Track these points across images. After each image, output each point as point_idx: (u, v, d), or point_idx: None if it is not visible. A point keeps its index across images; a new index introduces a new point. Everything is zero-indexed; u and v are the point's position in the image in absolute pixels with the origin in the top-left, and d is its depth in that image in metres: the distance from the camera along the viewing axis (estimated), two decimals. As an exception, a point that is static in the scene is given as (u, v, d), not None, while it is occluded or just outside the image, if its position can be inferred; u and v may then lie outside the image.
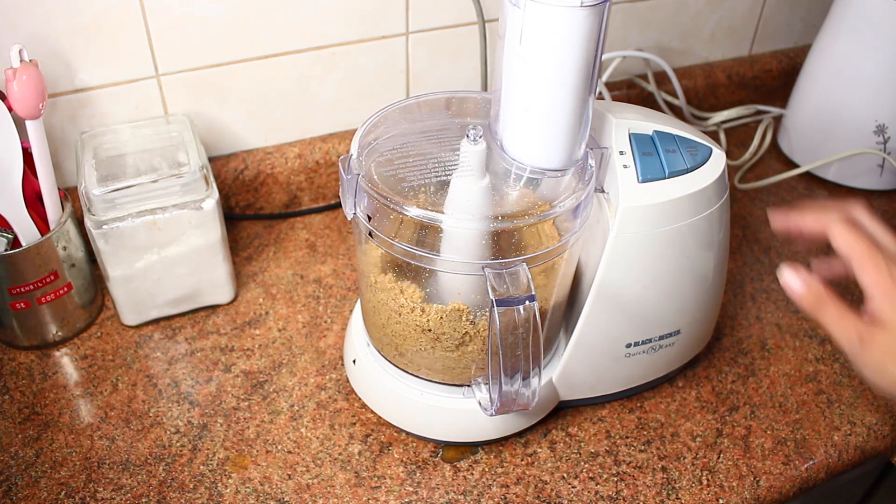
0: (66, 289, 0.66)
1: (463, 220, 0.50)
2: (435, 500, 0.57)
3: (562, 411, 0.64)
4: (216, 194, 0.66)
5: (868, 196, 0.92)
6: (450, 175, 0.53)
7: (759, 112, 1.05)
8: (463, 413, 0.59)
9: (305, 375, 0.66)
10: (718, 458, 0.61)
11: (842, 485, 0.72)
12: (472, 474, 0.59)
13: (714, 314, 0.66)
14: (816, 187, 0.93)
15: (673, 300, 0.60)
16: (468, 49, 0.86)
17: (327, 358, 0.68)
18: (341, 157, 0.52)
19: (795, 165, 0.95)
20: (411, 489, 0.58)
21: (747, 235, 0.85)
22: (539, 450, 0.61)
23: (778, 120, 1.03)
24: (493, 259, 0.50)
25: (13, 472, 0.57)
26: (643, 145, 0.56)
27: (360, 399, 0.63)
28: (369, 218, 0.52)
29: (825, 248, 0.48)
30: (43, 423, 0.61)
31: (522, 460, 0.60)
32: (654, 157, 0.55)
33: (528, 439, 0.62)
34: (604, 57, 0.89)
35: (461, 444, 0.61)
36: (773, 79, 1.08)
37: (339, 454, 0.60)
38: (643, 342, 0.61)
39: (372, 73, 0.83)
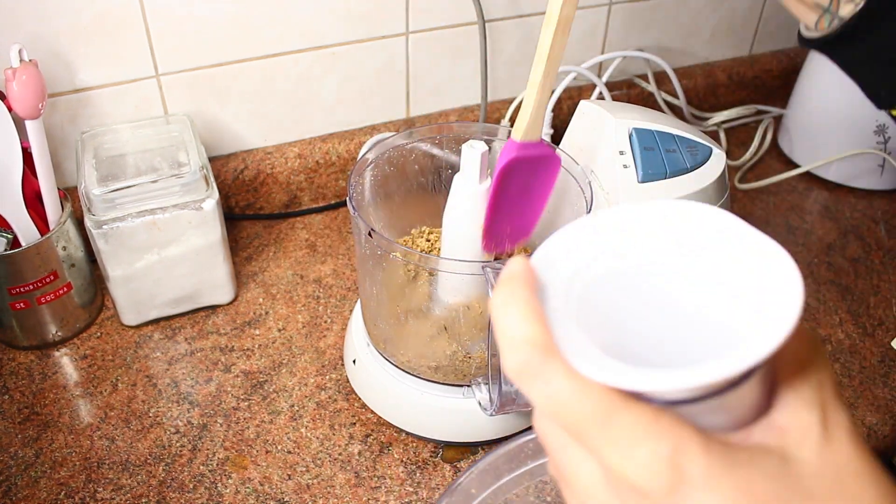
0: (65, 289, 0.66)
1: (455, 262, 0.50)
2: (435, 500, 0.57)
3: (562, 411, 0.64)
4: (216, 194, 0.66)
5: (868, 196, 0.92)
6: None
7: (760, 112, 1.05)
8: (463, 413, 0.59)
9: (305, 375, 0.66)
10: (718, 458, 0.61)
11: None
12: (472, 474, 0.59)
13: (714, 314, 0.66)
14: (816, 187, 0.93)
15: (673, 300, 0.60)
16: (468, 49, 0.86)
17: (327, 358, 0.68)
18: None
19: (795, 165, 0.95)
20: (411, 489, 0.58)
21: (747, 235, 0.85)
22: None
23: (778, 120, 1.03)
24: (493, 259, 0.50)
25: (13, 472, 0.57)
26: (643, 145, 0.56)
27: (360, 399, 0.63)
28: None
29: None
30: (43, 423, 0.61)
31: (522, 460, 0.60)
32: (654, 157, 0.55)
33: (528, 439, 0.62)
34: (604, 57, 0.89)
35: (461, 444, 0.61)
36: (773, 79, 1.08)
37: (339, 454, 0.60)
38: (643, 342, 0.60)
39: (372, 73, 0.83)
